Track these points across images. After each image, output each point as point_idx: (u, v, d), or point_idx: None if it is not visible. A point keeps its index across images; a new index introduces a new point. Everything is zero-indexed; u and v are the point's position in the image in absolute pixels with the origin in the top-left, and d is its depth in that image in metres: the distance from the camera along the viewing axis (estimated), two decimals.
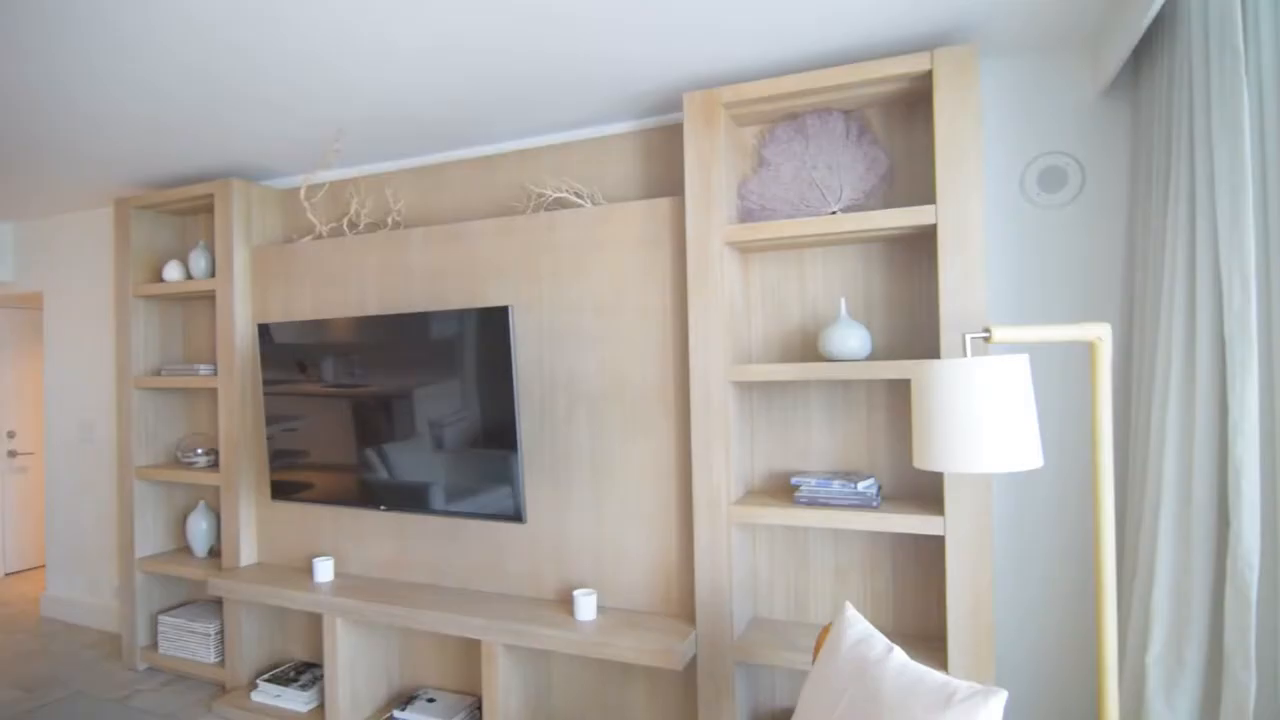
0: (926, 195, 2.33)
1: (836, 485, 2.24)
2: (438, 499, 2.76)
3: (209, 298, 3.66)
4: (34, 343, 5.49)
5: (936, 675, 1.38)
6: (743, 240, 2.36)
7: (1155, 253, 1.95)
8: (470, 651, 2.98)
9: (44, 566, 5.41)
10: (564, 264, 2.70)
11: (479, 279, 2.85)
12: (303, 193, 3.10)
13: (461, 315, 2.65)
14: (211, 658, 3.42)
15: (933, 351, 2.33)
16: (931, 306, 2.33)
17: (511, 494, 2.60)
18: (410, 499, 2.81)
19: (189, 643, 3.47)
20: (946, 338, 2.09)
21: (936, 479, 2.31)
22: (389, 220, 3.17)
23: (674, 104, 2.63)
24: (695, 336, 2.39)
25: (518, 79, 2.40)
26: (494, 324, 2.57)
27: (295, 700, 3.03)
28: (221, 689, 3.35)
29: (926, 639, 2.31)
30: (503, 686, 2.56)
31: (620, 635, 2.38)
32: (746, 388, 2.54)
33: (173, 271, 3.47)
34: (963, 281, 2.08)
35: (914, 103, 2.36)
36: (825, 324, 2.44)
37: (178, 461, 3.68)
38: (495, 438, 2.62)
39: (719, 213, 2.37)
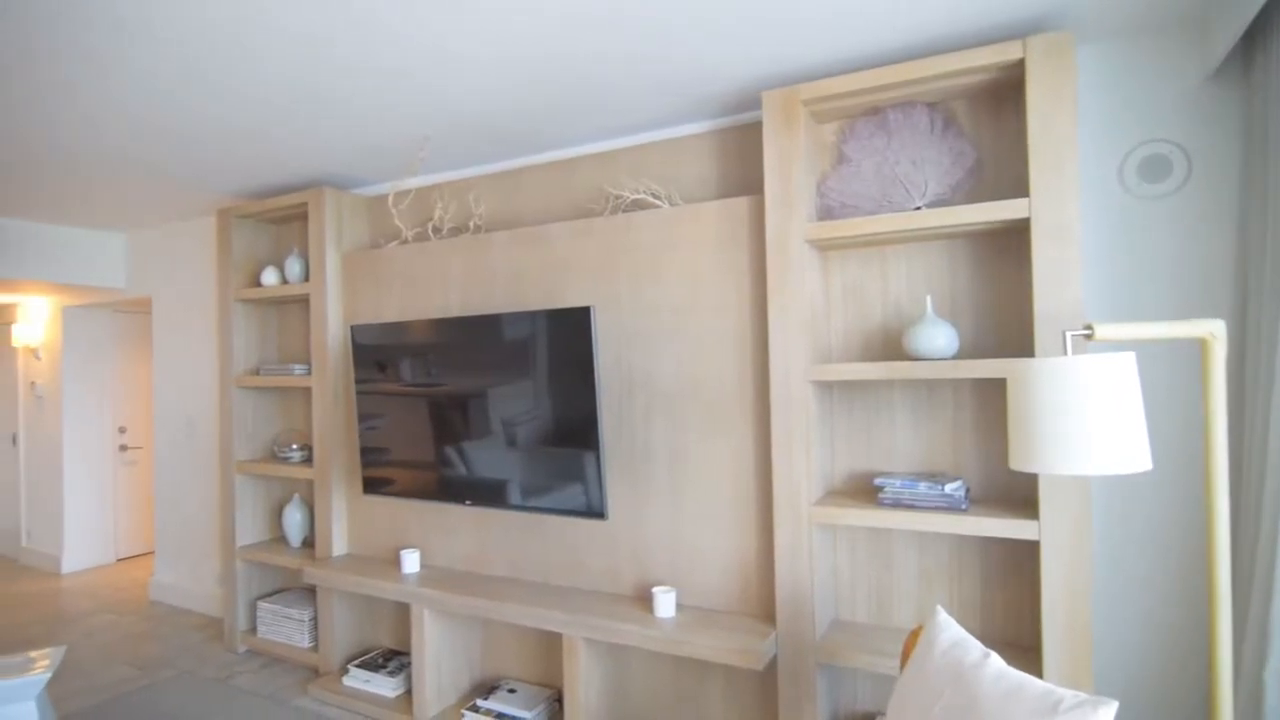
0: (1017, 188, 2.25)
1: (922, 487, 2.19)
2: (518, 495, 2.83)
3: (302, 301, 3.86)
4: (143, 344, 5.90)
5: (1038, 683, 1.34)
6: (824, 238, 2.34)
7: (1275, 244, 1.84)
8: (549, 645, 3.04)
9: (152, 553, 5.82)
10: (641, 264, 2.74)
11: (558, 280, 2.92)
12: (391, 199, 3.23)
13: (543, 315, 2.72)
14: (306, 643, 3.60)
15: (1024, 350, 2.25)
16: (1022, 303, 2.26)
17: (593, 491, 2.65)
18: (493, 495, 2.90)
19: (285, 628, 3.67)
20: (1041, 335, 2.02)
21: (1028, 482, 2.23)
22: (471, 224, 3.27)
23: (751, 103, 2.63)
24: (775, 336, 2.38)
25: (594, 84, 2.44)
26: (575, 324, 2.63)
27: (384, 686, 3.16)
28: (315, 673, 3.52)
29: (1018, 648, 2.23)
30: (583, 680, 2.61)
31: (699, 633, 2.39)
32: (827, 387, 2.51)
33: (269, 276, 3.67)
34: (1058, 277, 2.01)
35: (1003, 93, 2.29)
36: (910, 322, 2.39)
37: (274, 456, 3.89)
38: (576, 435, 2.67)
39: (799, 211, 2.35)
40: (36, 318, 5.60)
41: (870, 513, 2.23)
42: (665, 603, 2.54)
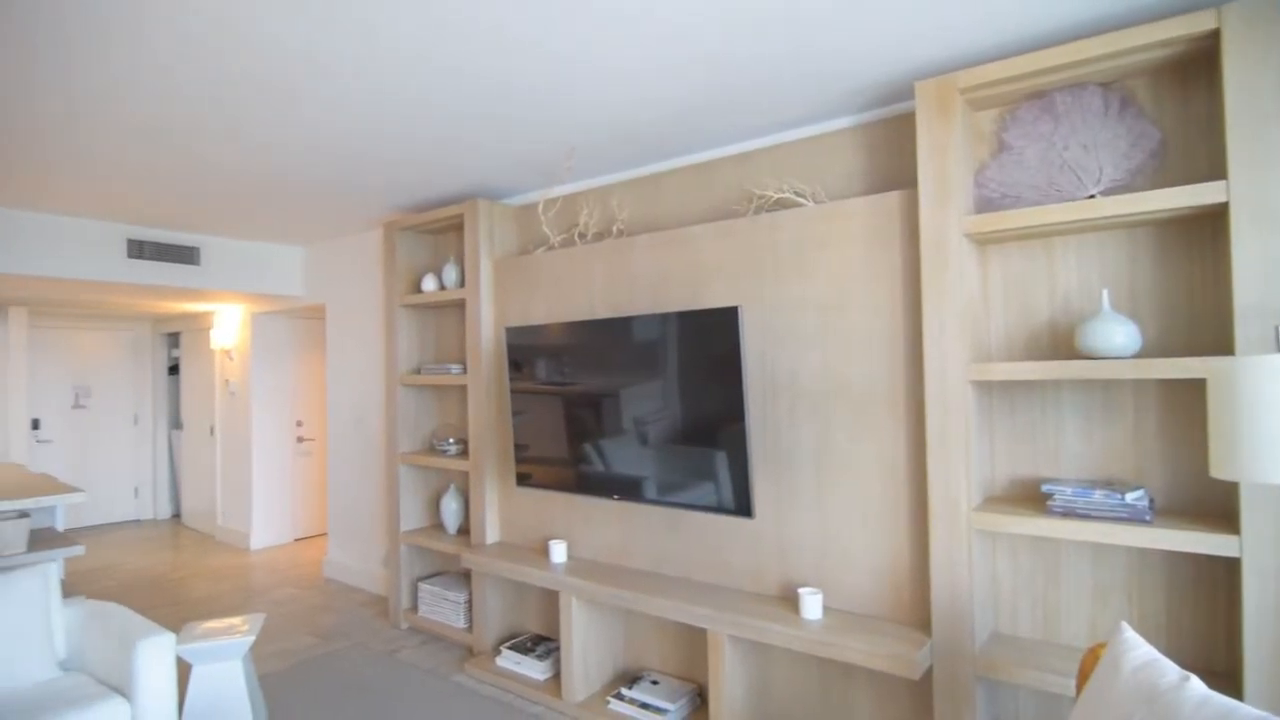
0: (1208, 171, 2.05)
1: (1098, 495, 2.05)
2: (663, 491, 2.90)
3: (457, 305, 4.14)
4: (317, 347, 6.54)
5: (1251, 711, 1.23)
6: (984, 231, 2.23)
7: None
8: (691, 639, 3.09)
9: (325, 535, 6.43)
10: (786, 263, 2.73)
11: (700, 281, 2.96)
12: (540, 207, 3.41)
13: (689, 316, 2.77)
14: (461, 623, 3.86)
15: (1220, 347, 2.05)
16: (1216, 297, 2.05)
17: (739, 489, 2.67)
18: (638, 490, 2.99)
19: (442, 608, 3.96)
20: (1244, 331, 1.83)
21: (1223, 492, 2.03)
22: (614, 229, 3.39)
23: (899, 94, 2.55)
24: (930, 334, 2.30)
25: (735, 85, 2.46)
26: (722, 324, 2.66)
27: (533, 669, 3.34)
28: (469, 652, 3.77)
29: (1211, 674, 2.03)
30: (727, 676, 2.64)
31: (849, 637, 2.36)
32: (986, 388, 2.40)
33: (429, 283, 3.98)
34: (1263, 266, 1.81)
35: (1191, 67, 2.09)
36: (1082, 319, 2.23)
37: (432, 449, 4.20)
38: (722, 434, 2.70)
39: (956, 204, 2.26)
40: (230, 323, 6.35)
41: (1039, 521, 2.10)
42: (812, 604, 2.52)
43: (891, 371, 2.50)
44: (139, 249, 4.46)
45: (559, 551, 3.35)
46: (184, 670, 3.55)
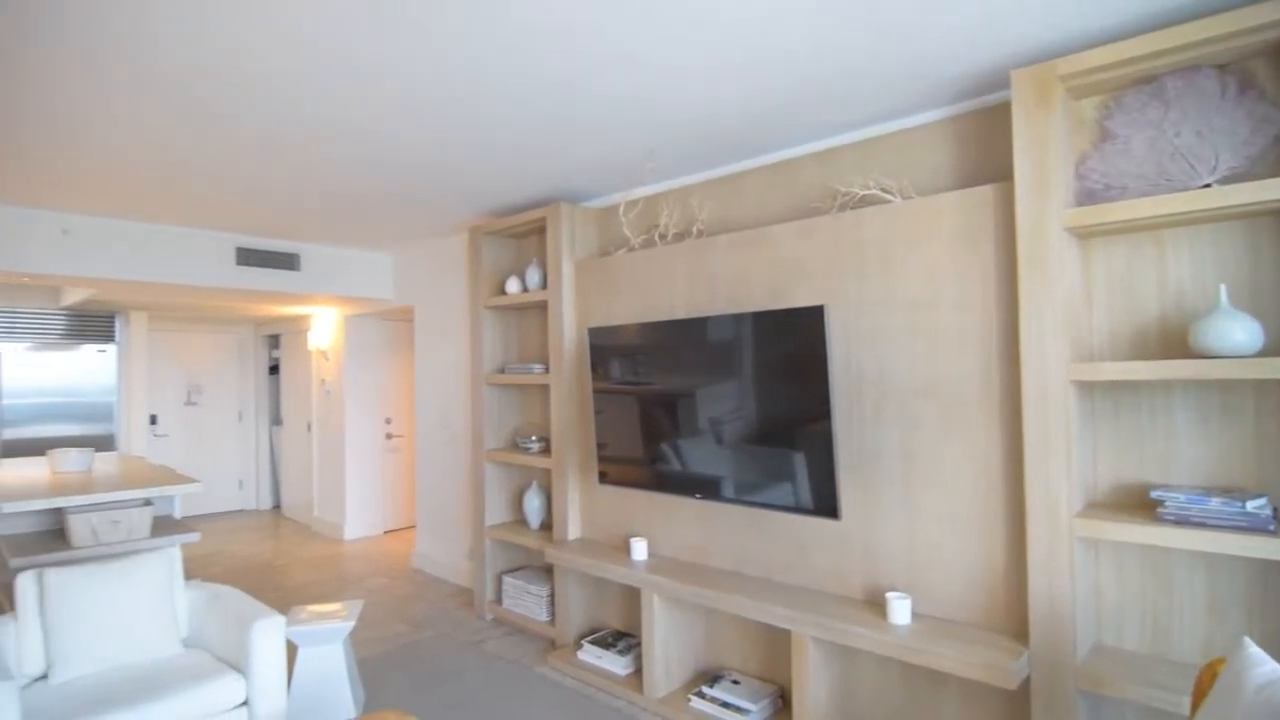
0: None
1: (1215, 503, 1.93)
2: (746, 491, 2.90)
3: (539, 307, 4.25)
4: (405, 348, 6.82)
5: None
6: (1086, 225, 2.14)
7: None
8: (773, 640, 3.08)
9: (412, 527, 6.70)
10: (871, 261, 2.68)
11: (781, 281, 2.95)
12: (621, 210, 3.46)
13: (773, 315, 2.76)
14: (543, 617, 3.96)
15: None
16: None
17: (824, 490, 2.64)
18: (722, 490, 3.00)
19: (525, 601, 4.07)
20: None
21: None
22: (694, 230, 3.41)
23: (992, 85, 2.47)
24: (1028, 332, 2.22)
25: (819, 82, 2.44)
26: (807, 323, 2.64)
27: (615, 664, 3.39)
28: (552, 645, 3.86)
29: None
30: (812, 679, 2.62)
31: (939, 643, 2.30)
32: (1088, 388, 2.29)
33: (512, 285, 4.09)
34: None
35: None
36: (1197, 316, 2.11)
37: (516, 446, 4.33)
38: (806, 433, 2.68)
39: (1055, 196, 2.17)
40: (325, 326, 6.70)
41: (1149, 529, 2.00)
42: (900, 609, 2.47)
43: (985, 371, 2.42)
44: (247, 256, 4.77)
45: (640, 549, 3.39)
46: (290, 651, 3.78)
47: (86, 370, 6.47)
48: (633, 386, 3.33)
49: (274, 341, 8.02)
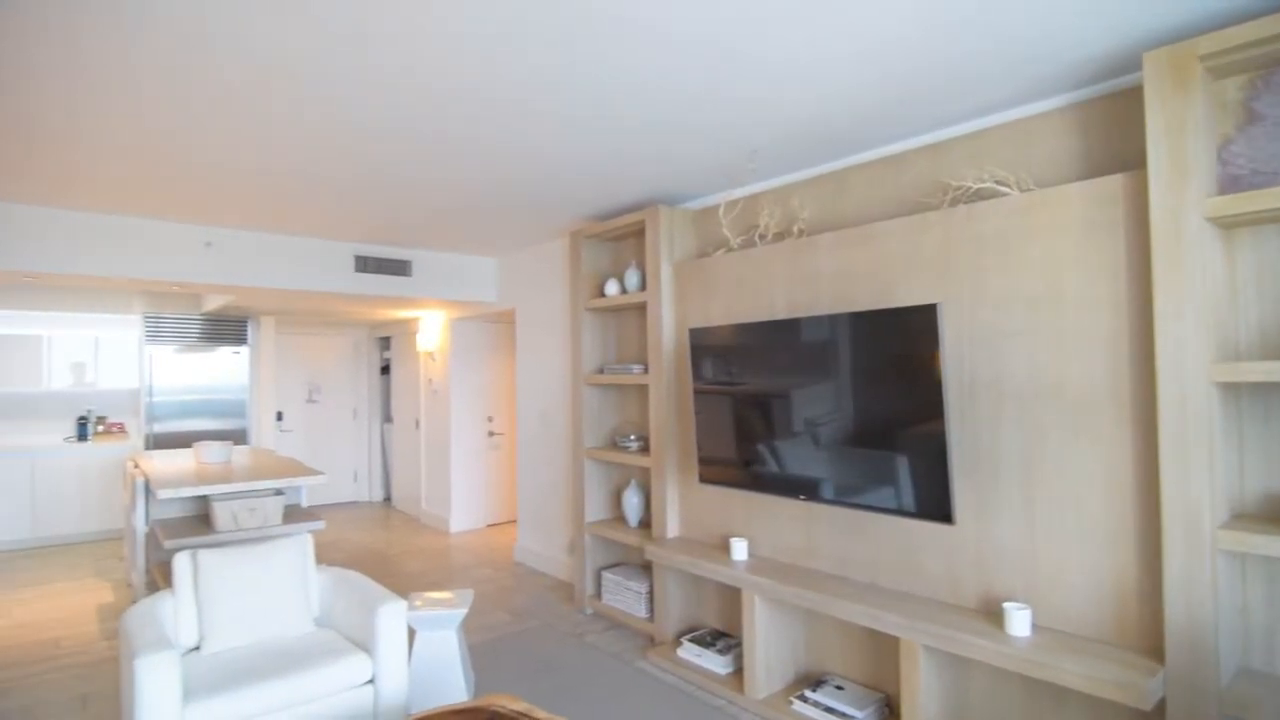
0: None
1: None
2: (854, 494, 2.85)
3: (637, 308, 4.32)
4: (505, 349, 7.07)
5: None
6: (1231, 214, 1.98)
7: None
8: (879, 647, 3.01)
9: (513, 522, 6.94)
10: (987, 258, 2.58)
11: (888, 279, 2.88)
12: (721, 211, 3.47)
13: (881, 315, 2.70)
14: (642, 613, 4.02)
15: None
16: None
17: (938, 494, 2.57)
18: (825, 492, 2.96)
19: (624, 597, 4.14)
20: None
21: None
22: (795, 229, 3.38)
23: (1121, 67, 2.32)
24: (1164, 331, 2.08)
25: (931, 72, 2.36)
26: (919, 322, 2.57)
27: (714, 663, 3.40)
28: (650, 641, 3.92)
29: None
30: (922, 688, 2.55)
31: (1064, 658, 2.19)
32: (1234, 390, 2.12)
33: (611, 288, 4.18)
34: None
35: None
36: None
37: (614, 445, 4.41)
38: (918, 436, 2.61)
39: (1194, 184, 2.03)
40: (432, 328, 7.04)
41: None
42: (1019, 620, 2.36)
43: (1115, 372, 2.28)
44: (364, 263, 5.09)
45: (740, 549, 3.39)
46: (408, 635, 4.00)
47: (222, 370, 7.06)
48: (733, 387, 3.33)
49: (385, 343, 8.49)
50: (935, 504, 2.57)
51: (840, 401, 2.86)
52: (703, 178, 3.55)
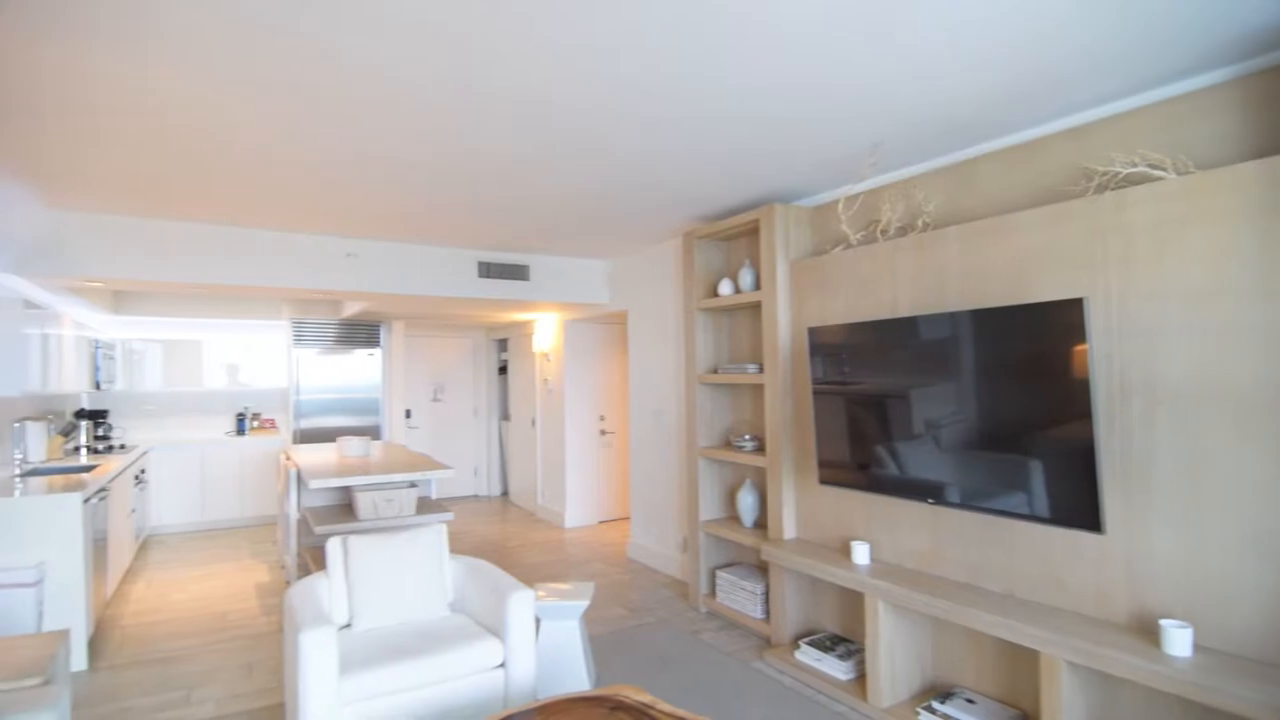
0: None
1: None
2: (984, 498, 2.73)
3: (750, 308, 4.30)
4: (615, 349, 7.22)
5: None
6: None
7: None
8: (1015, 661, 2.86)
9: (624, 518, 7.07)
10: (1137, 247, 2.40)
11: (1024, 273, 2.73)
12: (840, 206, 3.41)
13: (1019, 310, 2.57)
14: (758, 613, 4.00)
15: None
16: None
17: (1084, 501, 2.41)
18: (953, 496, 2.84)
19: (739, 597, 4.14)
20: None
21: None
22: (919, 223, 3.26)
23: None
24: None
25: (1078, 51, 2.22)
26: (1061, 318, 2.43)
27: (835, 668, 3.34)
28: (766, 642, 3.89)
29: None
30: (1065, 707, 2.40)
31: (1237, 683, 2.00)
32: None
33: (725, 288, 4.18)
34: None
35: None
36: None
37: (728, 444, 4.42)
38: (1060, 438, 2.47)
39: None
40: (547, 330, 7.29)
41: None
42: (1179, 639, 2.18)
43: None
44: (487, 269, 5.35)
45: (861, 552, 3.31)
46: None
47: (358, 371, 7.62)
48: (855, 386, 3.26)
49: (502, 345, 8.87)
50: (1080, 511, 2.41)
51: (970, 401, 2.74)
52: (819, 174, 3.49)
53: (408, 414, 8.31)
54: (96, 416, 6.21)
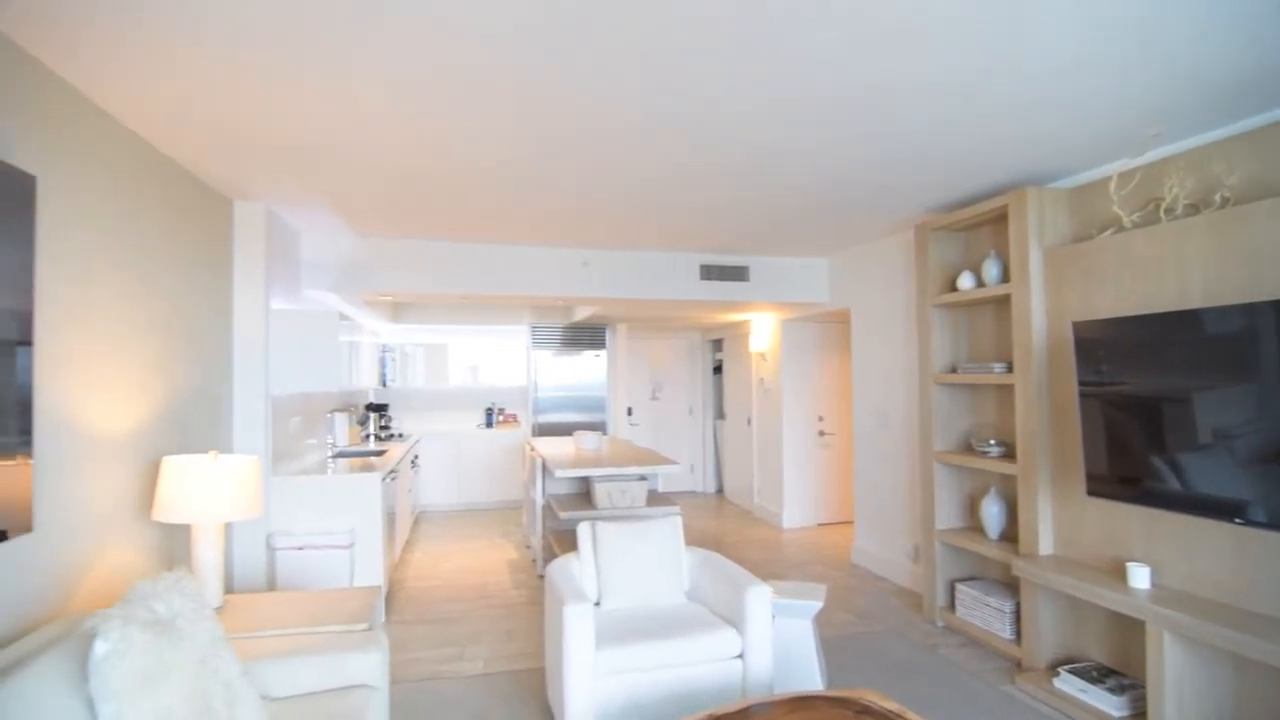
0: None
1: None
2: None
3: (992, 302, 3.98)
4: (835, 348, 7.05)
5: None
6: None
7: None
8: None
9: (845, 522, 6.88)
10: None
11: None
12: (1112, 186, 3.04)
13: None
14: (1006, 633, 3.69)
15: None
16: None
17: None
18: (1270, 513, 2.43)
19: (983, 614, 3.85)
20: None
21: None
22: (1216, 198, 2.81)
23: None
24: None
25: None
26: None
27: (1105, 702, 2.99)
28: (1017, 665, 3.58)
29: None
30: None
31: None
32: None
33: (965, 281, 3.92)
34: None
35: None
36: None
37: (969, 449, 4.13)
38: None
39: None
40: (763, 330, 7.31)
41: None
42: None
43: None
44: (708, 271, 5.50)
45: (1140, 576, 2.93)
46: None
47: (586, 371, 8.21)
48: (1135, 388, 2.89)
49: (717, 345, 9.04)
50: None
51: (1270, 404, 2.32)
52: (1077, 153, 3.14)
53: (629, 411, 8.78)
54: (380, 409, 7.33)
